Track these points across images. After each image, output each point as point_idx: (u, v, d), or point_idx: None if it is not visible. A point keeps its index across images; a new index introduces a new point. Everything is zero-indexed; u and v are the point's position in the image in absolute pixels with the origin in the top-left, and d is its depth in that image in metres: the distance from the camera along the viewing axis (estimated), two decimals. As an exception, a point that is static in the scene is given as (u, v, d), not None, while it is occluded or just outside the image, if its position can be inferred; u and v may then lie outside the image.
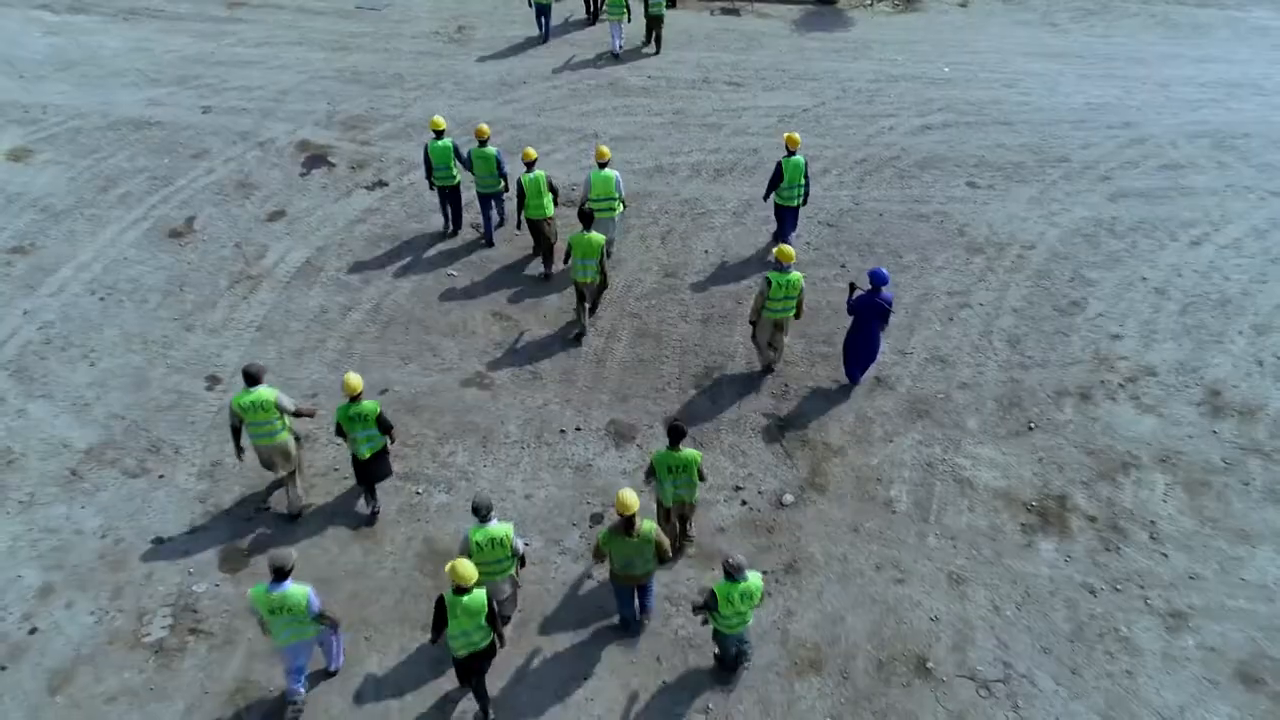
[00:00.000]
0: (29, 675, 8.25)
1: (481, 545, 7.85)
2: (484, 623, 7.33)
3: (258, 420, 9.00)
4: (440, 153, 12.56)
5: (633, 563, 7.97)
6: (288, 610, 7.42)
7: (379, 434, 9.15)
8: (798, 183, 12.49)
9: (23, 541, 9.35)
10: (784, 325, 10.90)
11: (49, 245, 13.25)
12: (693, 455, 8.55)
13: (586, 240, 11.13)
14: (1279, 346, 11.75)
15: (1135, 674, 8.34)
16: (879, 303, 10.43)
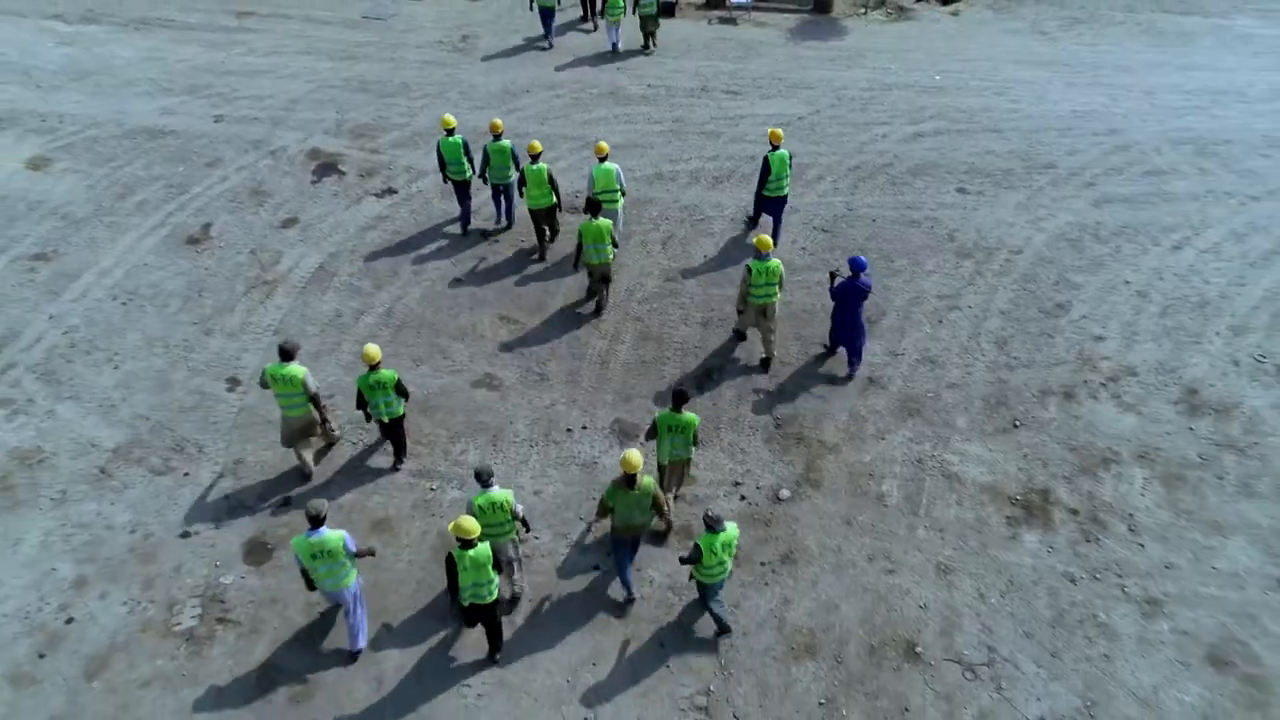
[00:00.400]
0: (67, 662, 8.73)
1: (484, 509, 8.47)
2: (491, 573, 8.01)
3: (284, 392, 9.73)
4: (451, 148, 13.23)
5: (632, 514, 8.73)
6: (327, 554, 8.15)
7: (397, 399, 9.85)
8: (784, 175, 13.14)
9: (56, 536, 9.83)
10: (768, 311, 11.45)
11: (71, 252, 13.72)
12: (692, 419, 9.42)
13: (595, 227, 11.89)
14: (1254, 347, 12.27)
15: (1112, 657, 8.85)
16: (859, 286, 11.14)
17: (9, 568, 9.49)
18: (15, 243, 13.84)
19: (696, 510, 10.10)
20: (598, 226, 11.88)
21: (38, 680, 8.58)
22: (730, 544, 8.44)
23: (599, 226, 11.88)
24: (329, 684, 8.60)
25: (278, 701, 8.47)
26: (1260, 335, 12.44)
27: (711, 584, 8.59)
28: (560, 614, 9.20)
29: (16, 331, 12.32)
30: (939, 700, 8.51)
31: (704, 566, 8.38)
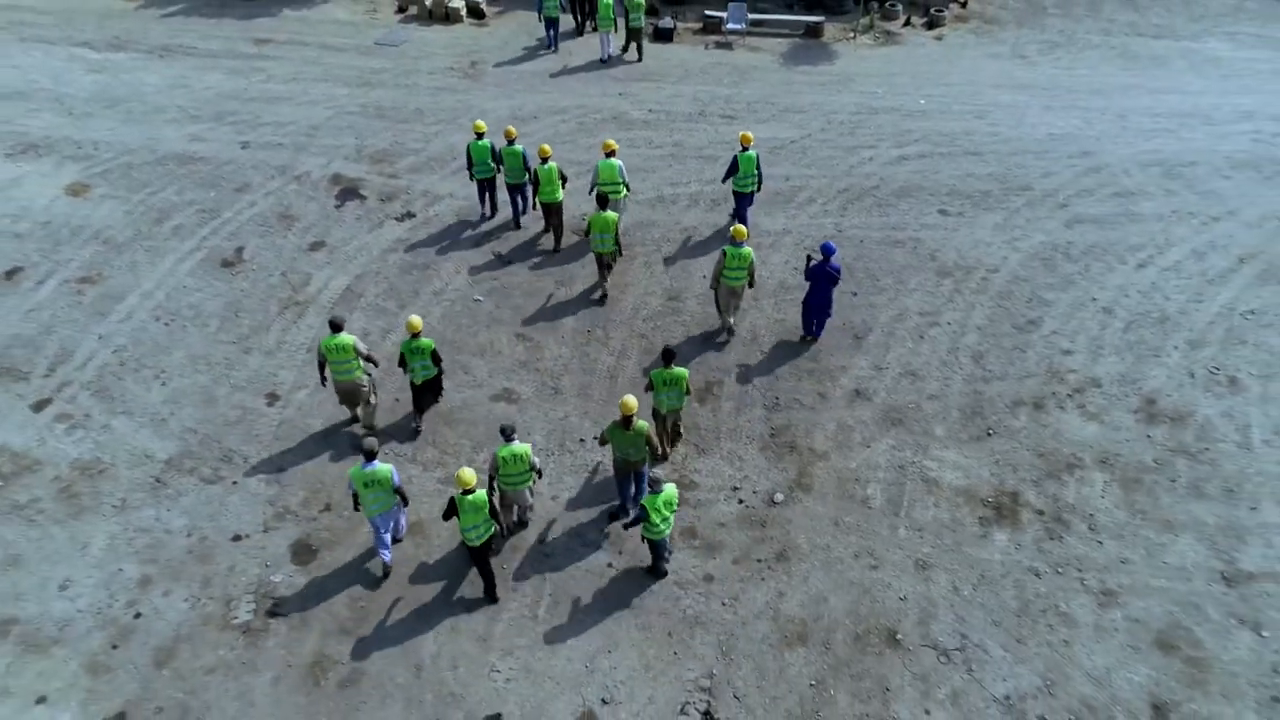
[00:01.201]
0: (138, 652, 9.78)
1: (506, 460, 10.14)
2: (486, 515, 9.65)
3: (338, 360, 11.35)
4: (480, 151, 14.98)
5: (628, 451, 10.35)
6: (378, 483, 9.84)
7: (432, 365, 11.61)
8: (751, 173, 14.73)
9: (120, 540, 10.87)
10: (738, 292, 13.18)
11: (114, 275, 14.74)
12: (681, 372, 11.08)
13: (603, 219, 13.50)
14: (1209, 360, 13.36)
15: (1071, 643, 9.94)
16: (829, 270, 12.77)
17: (80, 568, 10.52)
18: (62, 266, 14.86)
19: (699, 514, 11.18)
20: (605, 218, 13.54)
21: (112, 669, 9.62)
22: (670, 502, 9.86)
23: (606, 218, 13.54)
24: (373, 671, 9.65)
25: (328, 687, 9.52)
26: (1215, 349, 13.53)
27: (659, 540, 10.04)
28: (577, 607, 10.25)
29: (70, 351, 13.35)
30: (916, 681, 9.58)
31: (651, 524, 9.76)
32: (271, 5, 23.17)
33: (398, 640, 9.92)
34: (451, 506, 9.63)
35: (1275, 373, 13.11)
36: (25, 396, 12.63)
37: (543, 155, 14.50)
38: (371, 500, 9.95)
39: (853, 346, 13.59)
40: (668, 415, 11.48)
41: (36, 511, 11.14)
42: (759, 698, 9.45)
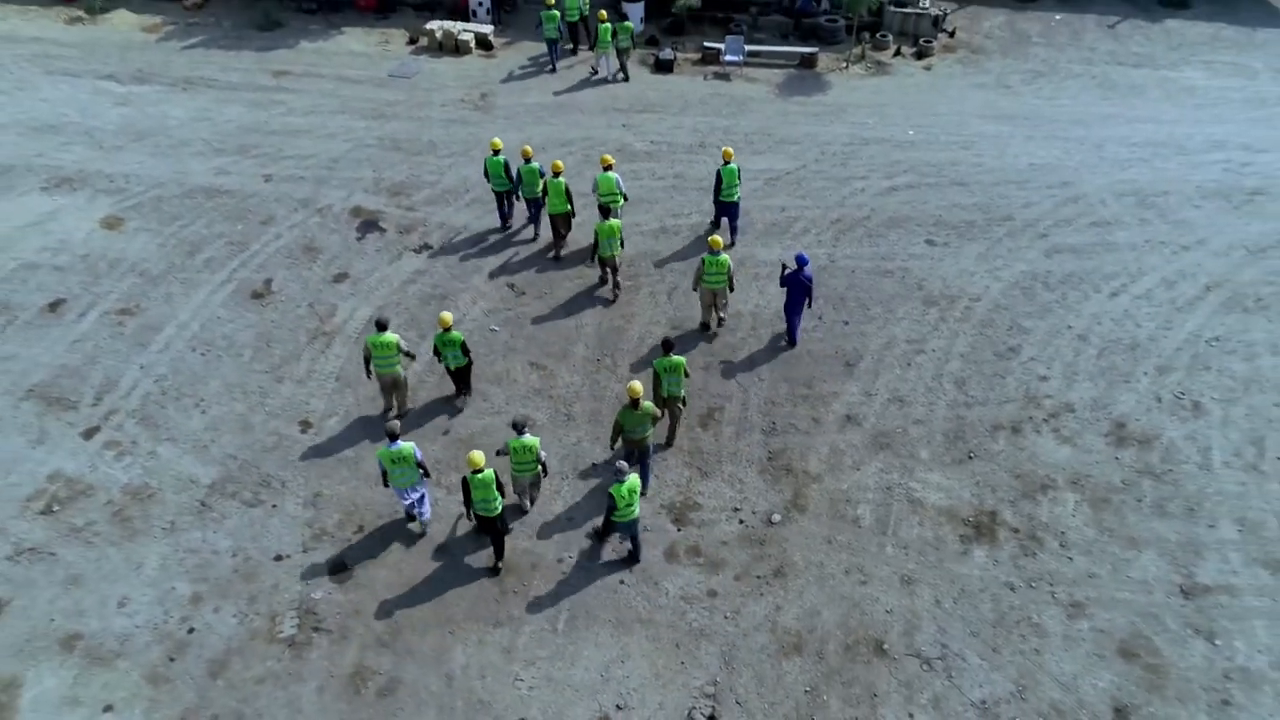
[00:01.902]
0: (193, 664, 10.74)
1: (516, 449, 11.75)
2: (495, 493, 11.03)
3: (382, 355, 12.97)
4: (496, 166, 16.48)
5: (635, 430, 12.03)
6: (403, 459, 11.37)
7: (462, 355, 13.26)
8: (734, 184, 16.28)
9: (171, 560, 11.83)
10: (718, 294, 14.77)
11: (151, 306, 15.68)
12: (680, 360, 12.71)
13: (608, 226, 15.16)
14: (1176, 385, 14.38)
15: (1042, 651, 10.95)
16: (802, 280, 14.22)
17: (136, 587, 11.49)
18: (102, 299, 15.80)
19: (703, 533, 12.17)
20: (609, 226, 15.18)
21: (171, 679, 10.59)
22: (634, 489, 11.17)
23: (610, 226, 15.18)
24: (409, 680, 10.62)
25: (368, 696, 10.49)
26: (1181, 374, 14.55)
27: (626, 522, 11.26)
28: (592, 622, 11.23)
29: (114, 380, 14.30)
30: (901, 687, 10.58)
31: (618, 510, 11.03)
32: (288, 37, 24.09)
33: (430, 652, 10.89)
34: (466, 489, 11.06)
35: (1236, 397, 14.14)
36: (75, 424, 13.58)
37: (555, 171, 16.03)
38: (399, 475, 11.51)
39: (844, 373, 14.58)
40: (669, 398, 12.96)
41: (93, 534, 12.10)
42: (759, 703, 10.44)
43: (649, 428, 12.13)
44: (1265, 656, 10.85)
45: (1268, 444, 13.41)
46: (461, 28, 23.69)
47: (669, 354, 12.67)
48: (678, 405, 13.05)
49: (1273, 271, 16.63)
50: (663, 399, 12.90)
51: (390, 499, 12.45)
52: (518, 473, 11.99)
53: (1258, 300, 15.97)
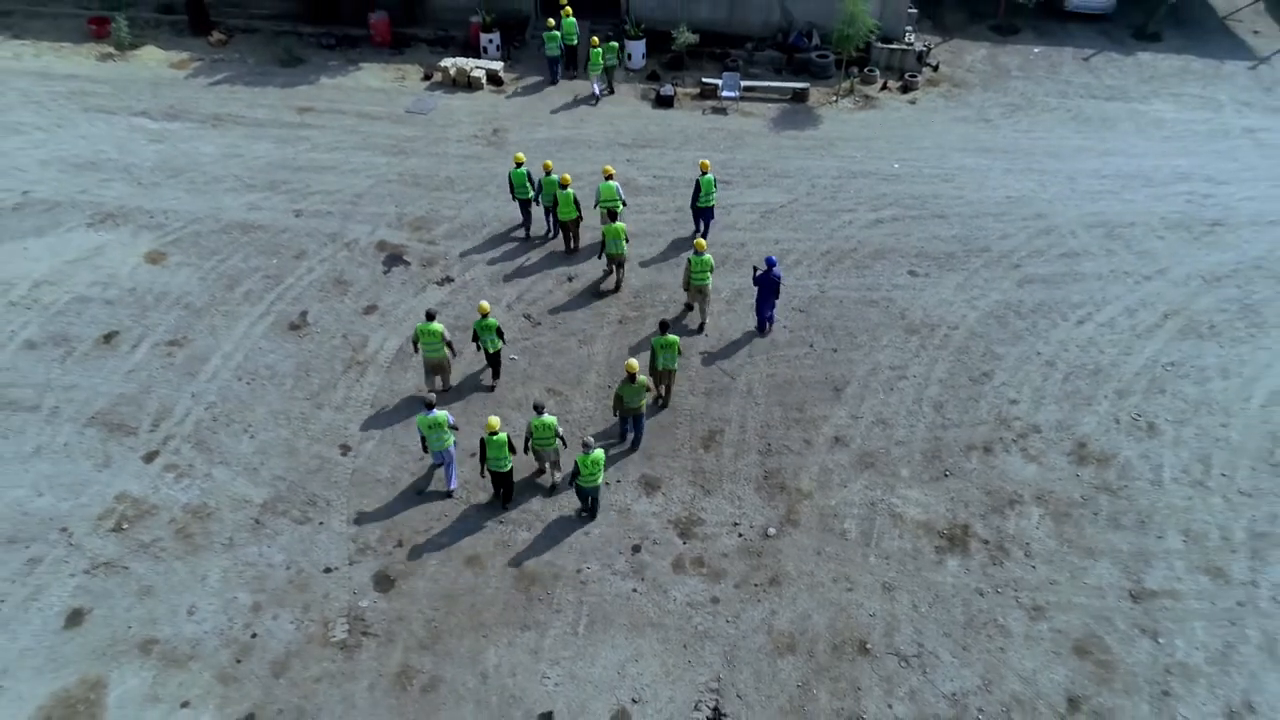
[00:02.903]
0: (258, 665, 12.16)
1: (538, 428, 13.58)
2: (506, 452, 13.32)
3: (429, 341, 15.07)
4: (519, 177, 18.73)
5: (632, 400, 14.28)
6: (437, 425, 13.50)
7: (498, 339, 15.47)
8: (710, 192, 18.50)
9: (232, 572, 13.24)
10: (705, 290, 16.84)
11: (198, 338, 17.07)
12: (674, 339, 14.88)
13: (614, 229, 17.43)
14: (1133, 407, 15.86)
15: (1006, 649, 12.41)
16: (772, 279, 16.33)
17: (203, 596, 12.89)
18: (151, 330, 17.19)
19: (706, 546, 13.60)
20: (615, 228, 17.38)
21: (239, 679, 12.00)
22: (598, 461, 13.20)
23: (616, 228, 17.38)
24: (448, 678, 12.05)
25: (413, 692, 11.92)
26: (1139, 397, 16.04)
27: (589, 488, 13.42)
28: (609, 626, 12.67)
29: (168, 408, 15.69)
30: (882, 682, 12.04)
31: (582, 476, 13.19)
32: (309, 73, 25.47)
33: (466, 653, 12.32)
34: (482, 447, 13.33)
35: (1187, 419, 15.63)
36: (136, 449, 14.97)
37: (563, 183, 18.25)
38: (434, 439, 13.68)
39: (833, 398, 16.04)
40: (664, 371, 15.25)
41: (160, 549, 13.50)
42: (757, 697, 11.89)
43: (643, 398, 14.43)
44: (1202, 653, 12.33)
45: (1213, 461, 14.90)
46: (473, 64, 25.09)
47: (665, 334, 14.90)
48: (671, 376, 15.45)
49: (1226, 300, 18.14)
50: (658, 371, 15.20)
51: (427, 515, 13.90)
52: (539, 446, 13.81)
53: (1211, 327, 17.47)
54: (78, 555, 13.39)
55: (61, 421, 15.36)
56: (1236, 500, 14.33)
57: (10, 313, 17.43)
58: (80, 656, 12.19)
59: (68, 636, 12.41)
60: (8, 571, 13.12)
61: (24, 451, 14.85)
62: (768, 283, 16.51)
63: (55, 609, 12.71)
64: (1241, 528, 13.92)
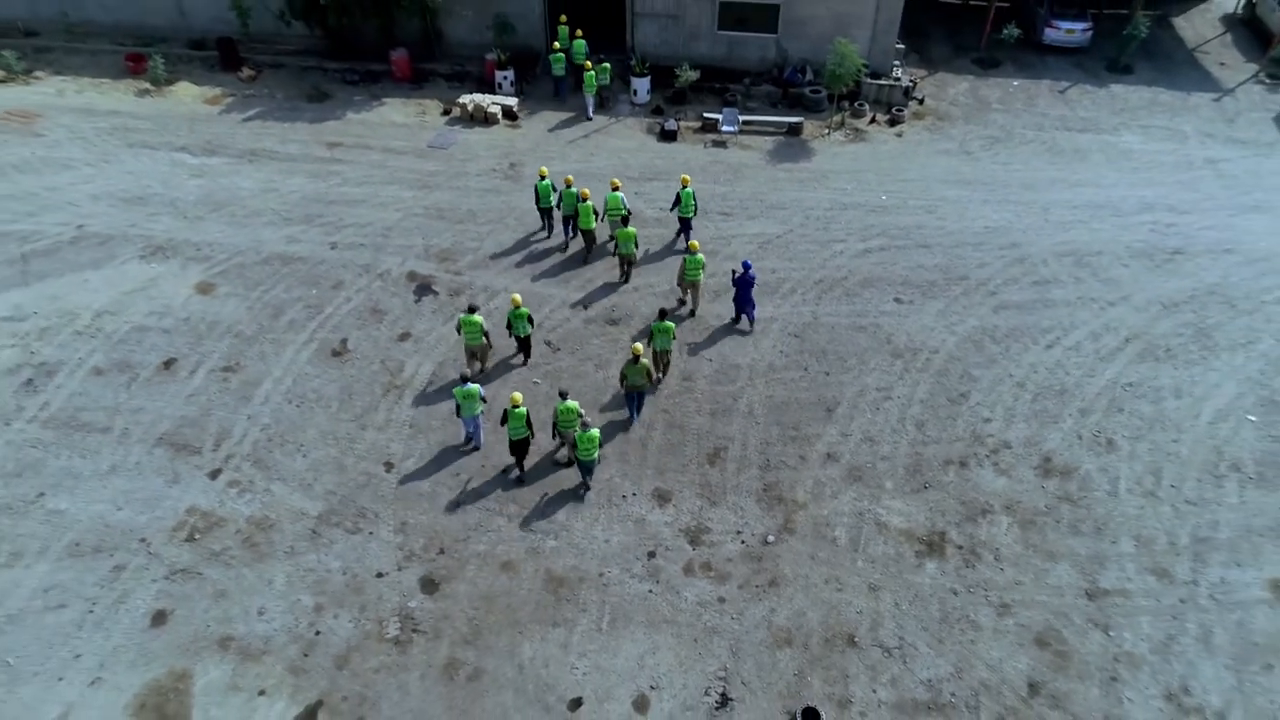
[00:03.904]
0: (323, 659, 13.91)
1: (562, 412, 15.98)
2: (524, 424, 15.73)
3: (470, 330, 17.68)
4: (544, 189, 21.45)
5: (635, 379, 16.87)
6: (470, 395, 16.18)
7: (529, 324, 18.10)
8: (690, 204, 21.11)
9: (295, 577, 14.99)
10: (697, 285, 19.73)
11: (249, 364, 18.81)
12: (670, 325, 17.68)
13: (625, 233, 20.31)
14: (1094, 425, 17.67)
15: (976, 641, 14.21)
16: (748, 278, 18.84)
17: (270, 599, 14.65)
18: (207, 357, 18.92)
19: (713, 552, 15.39)
20: (628, 233, 20.26)
21: (307, 670, 13.76)
22: (593, 439, 15.52)
23: (628, 233, 20.26)
24: (490, 669, 13.82)
25: (459, 681, 13.68)
26: (1099, 416, 17.86)
27: (586, 461, 15.79)
28: (629, 623, 14.44)
29: (227, 429, 17.43)
30: (867, 670, 13.83)
31: (580, 450, 15.60)
32: (336, 108, 27.21)
33: (504, 647, 14.09)
34: (505, 415, 15.82)
35: (1142, 435, 17.46)
36: (202, 467, 16.71)
37: (583, 196, 20.99)
38: (467, 407, 16.35)
39: (825, 418, 17.83)
40: (661, 352, 18.00)
41: (230, 557, 15.25)
42: (759, 684, 13.67)
43: (644, 379, 16.97)
44: (1146, 644, 14.15)
45: (1164, 474, 16.73)
46: (490, 100, 26.85)
47: (663, 320, 17.72)
48: (667, 356, 18.27)
49: (1182, 324, 19.98)
50: (656, 352, 17.98)
51: (465, 525, 15.68)
52: (564, 428, 16.11)
53: (1167, 350, 19.31)
54: (157, 563, 15.13)
55: (132, 442, 17.10)
56: (1183, 509, 16.15)
57: (77, 341, 19.16)
58: (167, 652, 13.95)
59: (154, 634, 14.16)
60: (96, 578, 14.87)
61: (101, 469, 16.59)
62: (744, 282, 19.04)
63: (141, 610, 14.46)
64: (1186, 533, 15.74)
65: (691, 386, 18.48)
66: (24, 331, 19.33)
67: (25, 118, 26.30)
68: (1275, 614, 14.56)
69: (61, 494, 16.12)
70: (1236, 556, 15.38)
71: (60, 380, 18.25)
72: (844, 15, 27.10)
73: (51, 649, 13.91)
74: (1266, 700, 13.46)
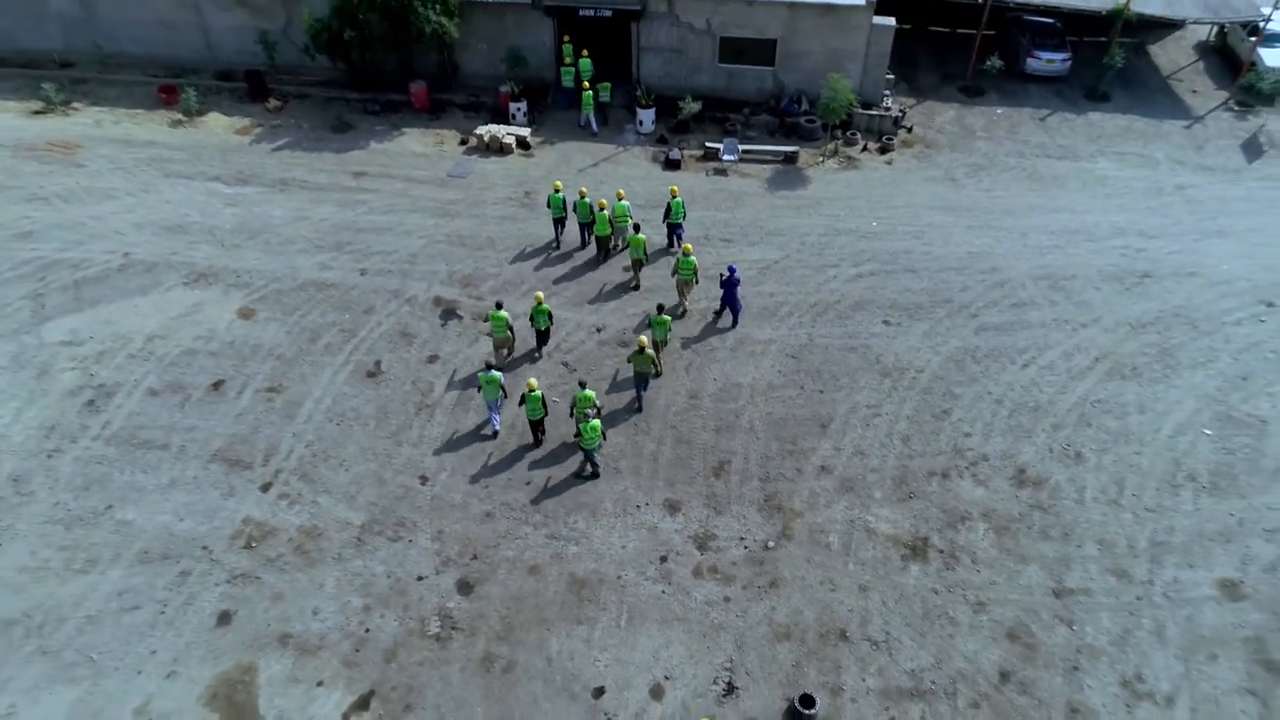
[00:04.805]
0: (373, 653, 15.61)
1: (580, 399, 18.18)
2: (540, 405, 18.24)
3: (498, 324, 19.99)
4: (556, 200, 23.78)
5: (644, 367, 19.33)
6: (492, 381, 18.51)
7: (548, 319, 20.46)
8: (679, 213, 23.61)
9: (344, 581, 16.68)
10: (690, 283, 21.97)
11: (291, 385, 20.49)
12: (666, 318, 20.20)
13: (636, 239, 22.54)
14: (1065, 439, 19.41)
15: (954, 636, 15.94)
16: (733, 280, 21.23)
17: (323, 600, 16.34)
18: (252, 379, 20.60)
19: (719, 556, 17.11)
20: (637, 239, 22.52)
21: (360, 664, 15.43)
22: (595, 429, 17.66)
23: (638, 239, 22.52)
24: (522, 661, 15.52)
25: (495, 672, 15.39)
26: (1070, 430, 19.60)
27: (589, 449, 17.87)
28: (645, 620, 16.15)
29: (275, 446, 19.11)
30: (857, 661, 15.56)
31: (584, 439, 17.65)
32: (359, 138, 28.89)
33: (533, 642, 15.79)
34: (523, 398, 18.31)
35: (1108, 448, 19.21)
36: (254, 481, 18.40)
37: (599, 206, 23.31)
38: (488, 391, 18.69)
39: (819, 433, 19.56)
40: (659, 342, 20.42)
41: (284, 563, 16.94)
42: (761, 674, 15.40)
43: (649, 366, 19.52)
44: (1105, 637, 15.89)
45: (1126, 483, 18.48)
46: (504, 130, 28.56)
47: (660, 314, 20.28)
48: (664, 345, 20.69)
49: (1148, 344, 21.73)
50: (655, 342, 20.21)
51: (495, 533, 17.39)
52: (581, 413, 18.17)
53: (1133, 369, 21.06)
54: (219, 569, 16.82)
55: (189, 458, 18.79)
56: (1143, 515, 17.91)
57: (131, 364, 20.84)
58: (233, 648, 15.64)
59: (220, 633, 15.85)
60: (165, 582, 16.56)
61: (163, 483, 18.28)
62: (730, 284, 21.49)
63: (207, 611, 16.16)
64: (1145, 538, 17.49)
65: (698, 404, 20.20)
66: (82, 355, 21.01)
67: (67, 149, 27.95)
68: (1221, 610, 16.31)
69: (128, 506, 17.81)
70: (1189, 559, 17.13)
71: (119, 400, 19.94)
72: (837, 50, 28.83)
73: (129, 646, 15.61)
74: (1210, 686, 15.22)
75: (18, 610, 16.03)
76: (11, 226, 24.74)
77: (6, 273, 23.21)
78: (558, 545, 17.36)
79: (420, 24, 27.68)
